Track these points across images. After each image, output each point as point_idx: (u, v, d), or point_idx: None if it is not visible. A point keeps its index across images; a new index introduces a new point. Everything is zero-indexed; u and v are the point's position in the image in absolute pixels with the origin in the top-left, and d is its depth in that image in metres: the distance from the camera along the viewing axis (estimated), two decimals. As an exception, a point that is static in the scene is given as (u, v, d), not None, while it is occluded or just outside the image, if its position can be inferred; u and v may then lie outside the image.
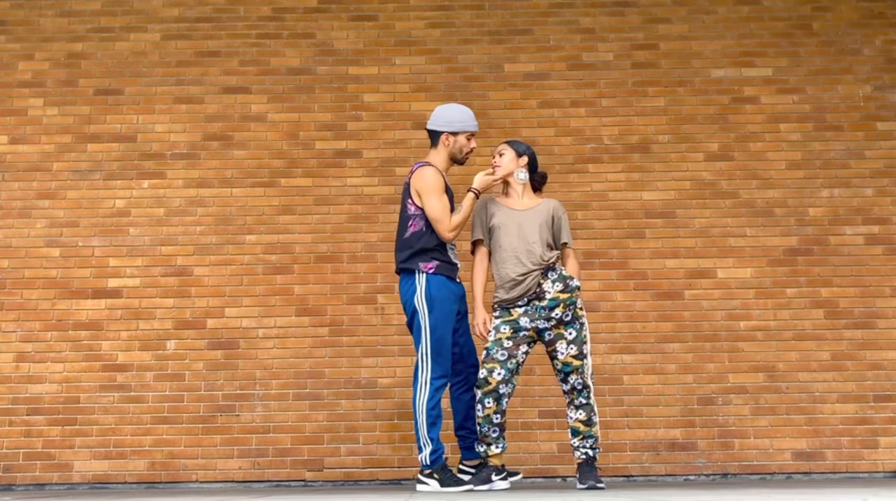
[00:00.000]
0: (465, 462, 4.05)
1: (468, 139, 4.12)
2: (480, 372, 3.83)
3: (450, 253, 4.01)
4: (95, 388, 5.22)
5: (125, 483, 5.07)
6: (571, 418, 3.92)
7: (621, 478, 5.07)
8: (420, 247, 3.92)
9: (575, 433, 3.91)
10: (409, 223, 3.97)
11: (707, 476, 5.10)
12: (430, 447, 3.81)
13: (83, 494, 4.32)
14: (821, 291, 5.40)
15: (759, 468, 5.09)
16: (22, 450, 5.11)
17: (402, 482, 5.06)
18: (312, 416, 5.18)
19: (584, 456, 3.91)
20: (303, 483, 5.08)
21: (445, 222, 3.90)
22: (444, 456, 3.86)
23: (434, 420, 3.84)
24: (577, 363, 3.85)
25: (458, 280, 4.03)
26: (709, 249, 5.48)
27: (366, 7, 5.96)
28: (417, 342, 3.91)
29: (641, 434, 5.14)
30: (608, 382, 5.23)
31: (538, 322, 3.87)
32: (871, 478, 4.94)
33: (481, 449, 3.87)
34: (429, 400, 3.82)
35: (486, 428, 3.84)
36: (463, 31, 5.91)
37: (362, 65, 5.84)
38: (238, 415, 5.14)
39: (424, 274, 3.89)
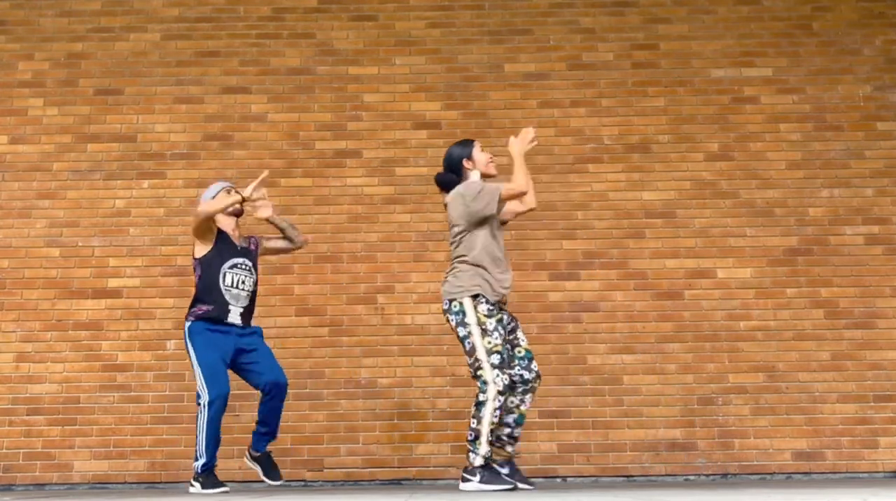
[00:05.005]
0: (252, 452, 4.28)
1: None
2: (504, 378, 3.67)
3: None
4: (95, 388, 5.22)
5: (125, 483, 5.07)
6: (526, 404, 3.89)
7: (621, 478, 5.07)
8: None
9: (521, 421, 3.89)
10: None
11: (707, 476, 5.10)
12: (205, 459, 4.05)
13: (83, 494, 4.32)
14: (821, 291, 5.40)
15: (759, 468, 5.10)
16: (22, 450, 5.11)
17: (403, 482, 5.06)
18: (312, 416, 5.18)
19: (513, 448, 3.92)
20: (303, 483, 5.08)
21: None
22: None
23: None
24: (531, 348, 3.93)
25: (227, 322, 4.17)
26: (709, 249, 5.49)
27: (366, 7, 5.96)
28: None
29: (641, 434, 5.14)
30: (608, 382, 5.23)
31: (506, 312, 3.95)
32: (871, 478, 4.94)
33: (490, 454, 3.75)
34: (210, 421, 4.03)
35: (495, 431, 3.79)
36: (463, 31, 5.91)
37: (362, 65, 5.84)
38: (238, 415, 5.13)
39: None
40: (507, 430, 3.88)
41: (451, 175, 3.97)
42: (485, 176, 3.98)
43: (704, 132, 5.70)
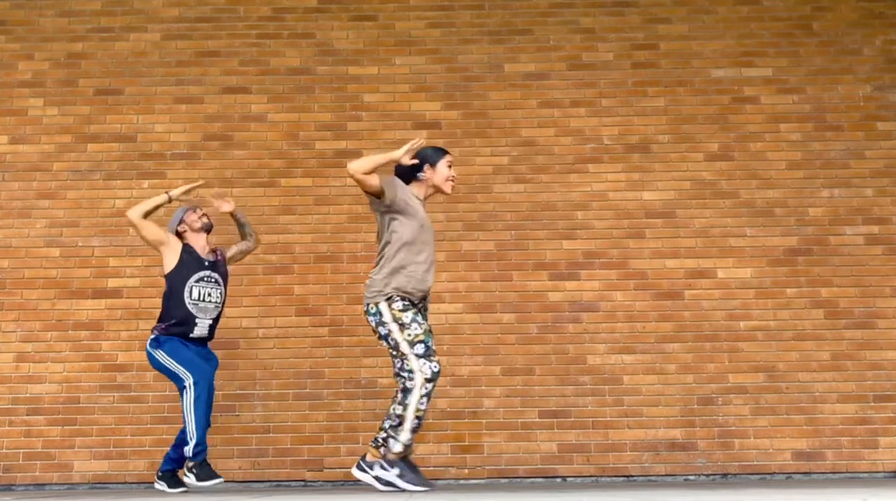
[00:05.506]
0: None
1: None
2: (432, 365, 3.65)
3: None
4: (95, 388, 5.22)
5: (125, 483, 5.07)
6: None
7: (621, 478, 5.07)
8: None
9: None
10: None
11: (707, 476, 5.10)
12: (196, 438, 4.09)
13: (83, 494, 4.32)
14: (821, 291, 5.40)
15: (759, 468, 5.09)
16: (22, 450, 5.11)
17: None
18: (312, 416, 5.18)
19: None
20: (303, 483, 5.08)
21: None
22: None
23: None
24: None
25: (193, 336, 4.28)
26: (709, 249, 5.49)
27: (366, 7, 5.96)
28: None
29: (641, 434, 5.14)
30: (608, 382, 5.23)
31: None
32: (871, 478, 4.94)
33: (411, 443, 3.68)
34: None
35: (422, 420, 3.69)
36: (463, 31, 5.91)
37: (362, 65, 5.84)
38: (238, 415, 5.14)
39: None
40: (383, 435, 3.73)
41: (404, 167, 3.85)
42: (436, 189, 3.92)
43: (704, 132, 5.70)
